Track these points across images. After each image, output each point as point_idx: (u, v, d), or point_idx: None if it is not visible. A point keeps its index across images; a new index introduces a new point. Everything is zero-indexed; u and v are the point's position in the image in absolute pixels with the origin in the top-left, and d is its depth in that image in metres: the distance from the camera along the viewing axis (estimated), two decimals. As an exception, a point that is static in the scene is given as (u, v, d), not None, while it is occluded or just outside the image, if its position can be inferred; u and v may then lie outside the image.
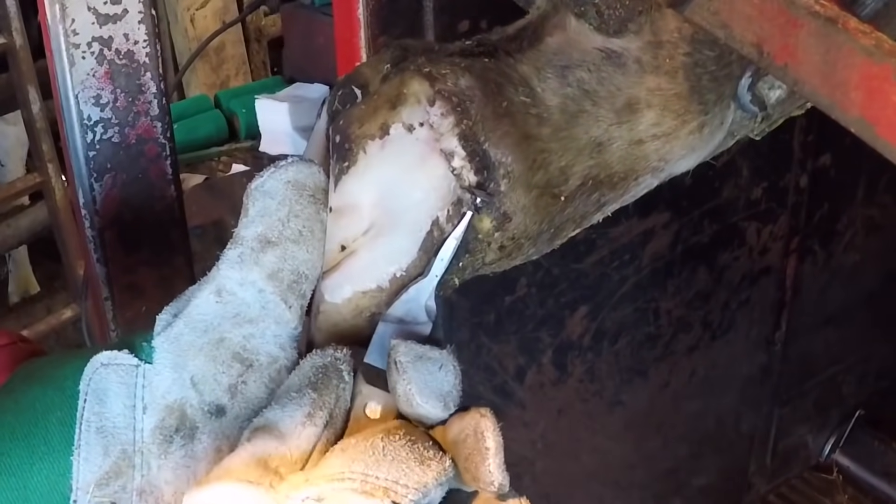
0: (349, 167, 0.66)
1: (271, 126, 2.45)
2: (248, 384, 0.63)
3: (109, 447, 0.61)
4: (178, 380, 0.63)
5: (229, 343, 0.63)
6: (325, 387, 0.61)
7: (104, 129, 0.94)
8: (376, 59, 0.71)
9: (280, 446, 0.59)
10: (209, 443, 0.63)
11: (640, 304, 1.56)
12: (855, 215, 1.84)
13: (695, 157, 0.74)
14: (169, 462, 0.62)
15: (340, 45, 1.05)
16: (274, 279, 0.64)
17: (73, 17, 0.89)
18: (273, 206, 0.64)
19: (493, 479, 0.60)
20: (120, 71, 0.92)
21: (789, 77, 0.51)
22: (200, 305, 0.64)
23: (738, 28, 0.53)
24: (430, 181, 0.65)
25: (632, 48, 0.68)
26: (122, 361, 0.63)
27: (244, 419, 0.63)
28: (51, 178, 2.38)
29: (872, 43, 0.47)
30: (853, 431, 2.11)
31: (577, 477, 1.65)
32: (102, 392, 0.62)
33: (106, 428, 0.62)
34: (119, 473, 0.61)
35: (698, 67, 0.69)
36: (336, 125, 0.67)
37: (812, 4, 0.48)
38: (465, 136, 0.65)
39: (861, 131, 0.48)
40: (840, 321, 1.95)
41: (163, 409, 0.62)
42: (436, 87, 0.65)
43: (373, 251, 0.66)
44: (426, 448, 0.60)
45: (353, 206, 0.66)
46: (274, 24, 3.10)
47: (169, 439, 0.62)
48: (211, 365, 0.63)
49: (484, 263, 0.69)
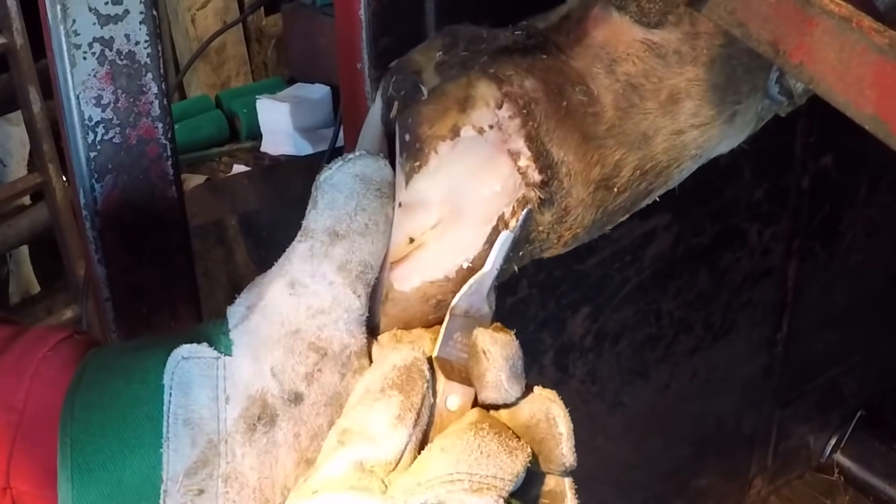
0: (420, 166, 0.68)
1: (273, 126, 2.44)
2: (322, 371, 0.66)
3: (196, 438, 0.64)
4: (258, 371, 0.65)
5: (304, 334, 0.66)
6: (411, 388, 0.64)
7: (105, 130, 0.94)
8: (427, 46, 0.73)
9: (374, 449, 0.62)
10: (289, 429, 0.65)
11: (642, 305, 1.56)
12: (856, 216, 1.83)
13: (728, 143, 0.77)
14: (253, 449, 0.64)
15: (341, 46, 1.04)
16: (343, 271, 0.66)
17: (74, 18, 0.89)
18: (341, 200, 0.67)
19: (565, 461, 0.66)
20: (121, 71, 0.92)
21: (805, 75, 0.52)
22: (276, 298, 0.67)
23: (754, 26, 0.53)
24: (498, 179, 0.68)
25: (671, 39, 0.70)
26: (203, 354, 0.65)
27: (320, 405, 0.66)
28: (52, 178, 2.38)
29: (886, 41, 0.47)
30: (854, 432, 2.11)
31: (578, 477, 1.64)
32: (186, 385, 0.64)
33: (192, 420, 0.64)
34: (206, 462, 0.64)
35: (733, 59, 0.71)
36: (405, 122, 0.69)
37: (827, 3, 0.49)
38: (530, 137, 0.68)
39: (875, 129, 0.48)
40: (841, 322, 1.95)
41: (245, 398, 0.65)
42: (503, 90, 0.68)
43: (441, 243, 0.69)
44: (510, 438, 0.63)
45: (423, 202, 0.69)
46: (275, 24, 3.10)
47: (252, 427, 0.64)
48: (288, 356, 0.66)
49: (542, 251, 0.72)
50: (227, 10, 3.11)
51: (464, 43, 0.72)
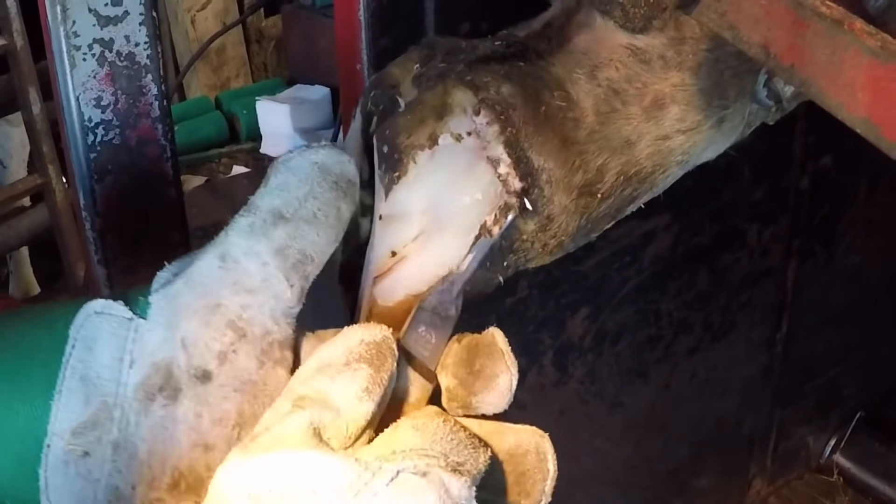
0: (399, 177, 0.68)
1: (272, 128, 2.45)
2: (238, 354, 0.62)
3: (91, 396, 0.60)
4: (169, 339, 0.62)
5: (225, 310, 0.62)
6: (381, 364, 0.61)
7: (105, 131, 0.94)
8: (405, 59, 0.72)
9: (336, 420, 0.59)
10: (190, 407, 0.61)
11: (641, 305, 1.56)
12: (856, 217, 1.84)
13: (715, 149, 0.76)
14: (148, 420, 0.61)
15: (341, 47, 1.04)
16: (280, 255, 0.63)
17: (74, 19, 0.89)
18: (294, 183, 0.65)
19: (541, 499, 0.63)
20: (121, 73, 0.92)
21: (796, 78, 0.52)
22: (203, 268, 0.63)
23: (745, 29, 0.53)
24: (478, 187, 0.67)
25: (656, 44, 0.70)
26: (116, 312, 0.62)
27: (229, 388, 0.62)
28: (52, 179, 2.38)
29: (878, 44, 0.47)
30: (854, 433, 2.11)
31: (578, 478, 1.65)
32: (92, 340, 0.61)
33: (90, 377, 0.60)
34: (97, 424, 0.60)
35: (720, 63, 0.70)
36: (382, 134, 0.68)
37: (818, 5, 0.49)
38: (509, 143, 0.67)
39: (867, 132, 0.48)
40: (841, 322, 1.95)
41: (149, 366, 0.61)
42: (480, 96, 0.67)
43: (424, 255, 0.68)
44: (474, 435, 0.61)
45: (404, 213, 0.68)
46: (275, 25, 3.10)
47: (151, 397, 0.61)
48: (204, 329, 0.62)
49: (527, 260, 0.71)
50: (227, 12, 3.12)
51: (441, 55, 0.71)
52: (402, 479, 0.55)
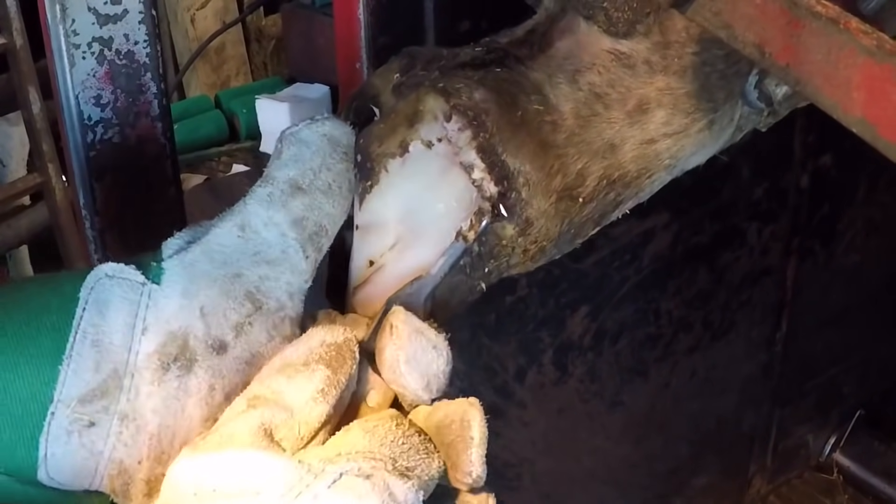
0: (372, 186, 0.67)
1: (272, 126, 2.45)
2: (253, 326, 0.61)
3: (101, 363, 0.58)
4: (186, 307, 0.60)
5: (245, 280, 0.61)
6: (339, 366, 0.59)
7: (104, 130, 0.94)
8: (385, 70, 0.72)
9: (288, 421, 0.57)
10: (205, 379, 0.60)
11: (641, 304, 1.56)
12: (856, 215, 1.83)
13: (705, 153, 0.75)
14: (160, 391, 0.59)
15: (340, 46, 1.04)
16: (298, 226, 0.63)
17: (74, 18, 0.89)
18: (307, 155, 0.65)
19: (471, 470, 0.59)
20: (120, 71, 0.92)
21: (791, 77, 0.51)
22: (222, 236, 0.62)
23: (740, 28, 0.53)
24: (452, 193, 0.67)
25: (640, 49, 0.70)
26: (129, 276, 0.60)
27: (242, 361, 0.61)
28: (51, 178, 2.37)
29: (874, 43, 0.47)
30: (854, 431, 2.11)
31: (578, 477, 1.65)
32: (104, 304, 0.59)
33: (101, 342, 0.58)
34: (105, 393, 0.58)
35: (707, 66, 0.70)
36: (357, 144, 0.68)
37: (814, 5, 0.49)
38: (482, 148, 0.66)
39: (863, 132, 0.48)
40: (841, 321, 1.95)
41: (165, 334, 0.59)
42: (451, 103, 0.67)
43: (400, 264, 0.67)
44: (429, 441, 0.59)
45: (379, 222, 0.68)
46: (274, 24, 3.10)
47: (165, 367, 0.59)
48: (223, 298, 0.61)
49: (509, 266, 0.70)
50: (227, 10, 3.11)
51: (421, 63, 0.71)
52: (345, 482, 0.53)
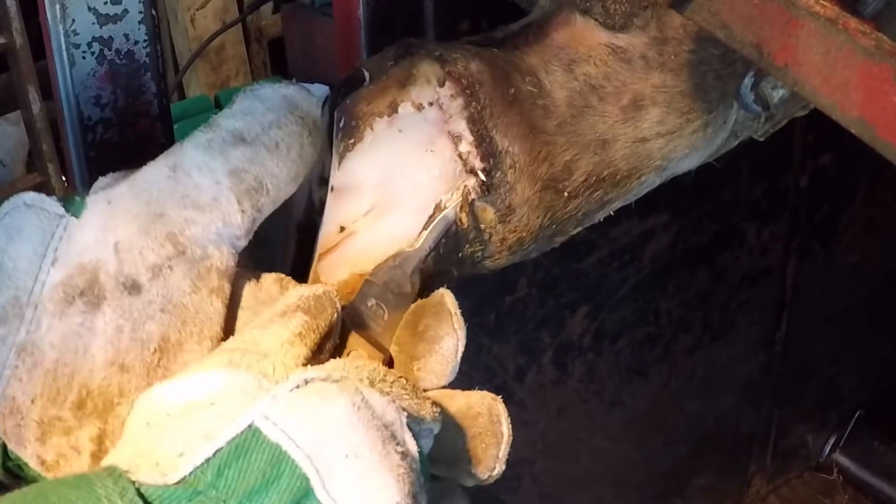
0: (355, 144, 0.65)
1: (271, 126, 2.44)
2: (173, 271, 0.58)
3: (3, 287, 0.55)
4: (101, 241, 0.57)
5: (168, 221, 0.58)
6: (318, 312, 0.57)
7: (104, 130, 0.94)
8: (379, 57, 0.71)
9: (262, 360, 0.54)
10: (112, 319, 0.56)
11: (641, 304, 1.56)
12: (855, 215, 1.84)
13: (697, 157, 0.74)
14: (62, 324, 0.56)
15: (340, 46, 1.04)
16: (235, 177, 0.60)
17: (74, 18, 0.89)
18: (260, 110, 0.62)
19: (495, 466, 0.57)
20: (120, 71, 0.92)
21: (789, 78, 0.51)
22: (151, 174, 0.60)
23: (738, 28, 0.53)
24: (437, 163, 0.64)
25: (637, 44, 0.68)
26: (47, 207, 0.58)
27: (156, 307, 0.57)
28: (51, 178, 2.37)
29: (873, 43, 0.47)
30: (853, 431, 2.11)
31: (577, 477, 1.65)
32: (16, 229, 0.57)
33: (5, 266, 0.56)
34: (3, 320, 0.55)
35: (703, 65, 0.69)
36: (342, 106, 0.66)
37: (812, 5, 0.48)
38: (473, 119, 0.64)
39: (861, 132, 0.48)
40: (840, 321, 1.95)
41: (74, 266, 0.56)
42: (446, 69, 0.65)
43: (373, 232, 0.65)
44: (419, 389, 0.57)
45: (356, 185, 0.65)
46: (274, 24, 3.10)
47: (70, 300, 0.56)
48: (141, 236, 0.58)
49: (484, 256, 0.68)
50: (227, 10, 3.11)
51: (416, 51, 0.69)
52: (310, 386, 0.50)
